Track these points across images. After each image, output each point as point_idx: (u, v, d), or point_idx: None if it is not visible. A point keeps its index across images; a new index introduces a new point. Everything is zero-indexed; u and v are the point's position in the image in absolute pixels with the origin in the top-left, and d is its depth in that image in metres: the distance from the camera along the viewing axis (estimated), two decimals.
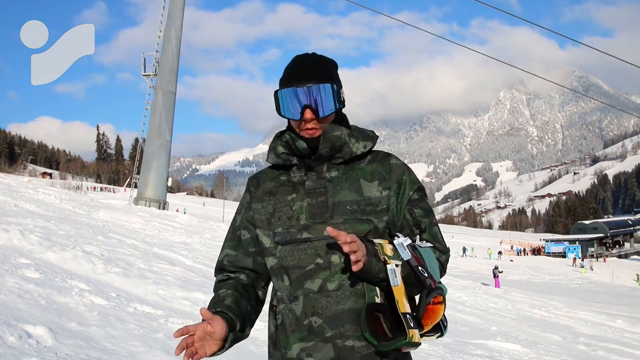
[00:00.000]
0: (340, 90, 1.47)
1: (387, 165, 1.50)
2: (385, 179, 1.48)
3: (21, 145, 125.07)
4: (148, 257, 9.19)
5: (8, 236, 7.32)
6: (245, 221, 1.56)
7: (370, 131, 1.55)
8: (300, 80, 1.44)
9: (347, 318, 1.37)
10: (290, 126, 1.53)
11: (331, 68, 1.50)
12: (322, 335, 1.37)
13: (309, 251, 1.41)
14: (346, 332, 1.36)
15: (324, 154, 1.46)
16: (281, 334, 1.42)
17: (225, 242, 1.60)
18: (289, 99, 1.44)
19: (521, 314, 13.79)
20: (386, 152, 1.55)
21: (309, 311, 1.38)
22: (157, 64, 29.37)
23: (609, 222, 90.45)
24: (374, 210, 1.44)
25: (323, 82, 1.44)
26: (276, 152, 1.52)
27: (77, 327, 4.21)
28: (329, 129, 1.46)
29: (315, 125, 1.44)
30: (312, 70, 1.45)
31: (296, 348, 1.38)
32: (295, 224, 1.44)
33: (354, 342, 1.36)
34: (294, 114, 1.44)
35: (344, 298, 1.38)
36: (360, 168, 1.50)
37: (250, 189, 1.58)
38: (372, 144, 1.52)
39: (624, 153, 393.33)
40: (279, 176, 1.54)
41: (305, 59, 1.50)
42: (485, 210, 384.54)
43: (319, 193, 1.46)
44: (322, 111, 1.43)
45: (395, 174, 1.49)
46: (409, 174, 1.51)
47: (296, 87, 1.43)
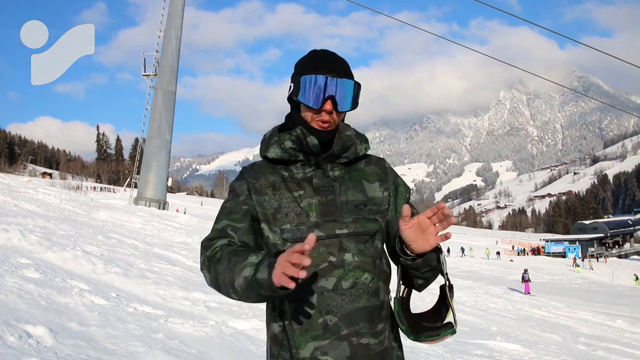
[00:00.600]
0: (359, 91, 1.49)
1: (383, 168, 1.58)
2: (384, 181, 1.54)
3: (21, 145, 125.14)
4: (148, 257, 9.19)
5: (8, 236, 7.32)
6: (248, 205, 1.45)
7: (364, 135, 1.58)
8: (332, 71, 1.43)
9: (362, 316, 1.38)
10: (293, 117, 1.51)
11: (351, 68, 1.52)
12: (337, 333, 1.36)
13: (321, 249, 1.39)
14: (361, 329, 1.38)
15: (336, 152, 1.47)
16: (290, 333, 1.39)
17: (225, 214, 1.46)
18: (315, 85, 1.41)
19: (521, 314, 13.79)
20: (378, 157, 1.61)
21: (323, 310, 1.36)
22: (157, 64, 29.38)
23: (609, 222, 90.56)
24: (379, 210, 1.49)
25: (352, 78, 1.46)
26: (283, 146, 1.47)
27: (77, 327, 4.21)
28: (343, 128, 1.49)
29: (331, 118, 1.44)
30: (342, 65, 1.47)
31: (310, 347, 1.36)
32: (304, 221, 1.41)
33: (369, 339, 1.38)
34: (315, 103, 1.42)
35: (358, 296, 1.38)
36: (360, 169, 1.53)
37: (248, 179, 1.49)
38: (369, 147, 1.57)
39: (624, 153, 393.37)
40: (279, 171, 1.49)
41: (332, 53, 1.50)
42: (485, 210, 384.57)
43: (328, 191, 1.45)
44: (343, 105, 1.44)
45: (391, 176, 1.57)
46: (401, 179, 1.61)
47: (328, 76, 1.42)
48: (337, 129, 1.48)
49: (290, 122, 1.52)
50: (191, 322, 5.21)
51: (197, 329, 5.01)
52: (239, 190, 1.49)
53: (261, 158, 1.55)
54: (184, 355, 4.09)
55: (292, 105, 1.54)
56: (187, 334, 4.81)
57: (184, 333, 4.80)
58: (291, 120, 1.52)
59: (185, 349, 4.26)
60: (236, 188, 1.50)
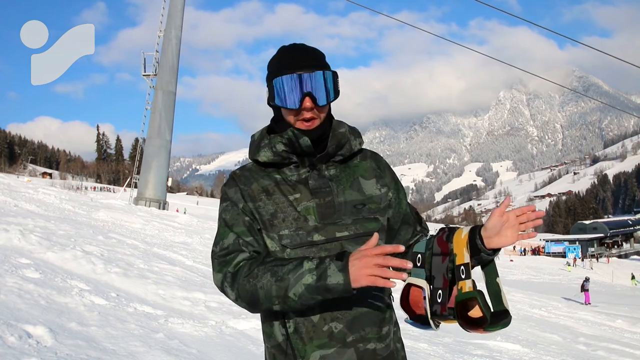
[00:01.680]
0: (337, 80, 1.40)
1: (379, 163, 1.53)
2: (381, 177, 1.49)
3: (21, 145, 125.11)
4: (148, 257, 9.19)
5: (8, 236, 7.32)
6: (247, 215, 1.39)
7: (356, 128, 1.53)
8: (303, 67, 1.35)
9: (367, 321, 1.35)
10: (277, 120, 1.45)
11: (324, 57, 1.44)
12: (343, 340, 1.32)
13: (321, 254, 1.33)
14: (367, 335, 1.35)
15: (331, 151, 1.42)
16: (295, 342, 1.34)
17: (230, 227, 1.39)
18: (287, 86, 1.34)
19: (521, 314, 13.77)
20: (372, 151, 1.55)
21: (327, 317, 1.32)
22: (157, 64, 29.38)
23: (609, 222, 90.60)
24: (378, 208, 1.44)
25: (324, 69, 1.38)
26: (275, 149, 1.39)
27: (77, 327, 4.21)
28: (337, 126, 1.44)
29: (314, 114, 1.37)
30: (311, 58, 1.39)
31: (316, 356, 1.32)
32: (303, 226, 1.36)
33: (375, 344, 1.35)
34: (293, 103, 1.34)
35: (362, 300, 1.35)
36: (356, 165, 1.48)
37: (240, 186, 1.42)
38: (363, 141, 1.51)
39: (624, 153, 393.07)
40: (271, 174, 1.42)
41: (300, 47, 1.41)
42: (485, 210, 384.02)
43: (325, 193, 1.39)
44: (322, 99, 1.36)
45: (389, 171, 1.53)
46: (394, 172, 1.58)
47: (297, 74, 1.34)
48: (326, 125, 1.42)
49: (275, 125, 1.46)
50: (191, 322, 5.21)
51: (197, 329, 5.01)
52: (234, 197, 1.42)
53: (251, 161, 1.48)
54: (184, 355, 4.09)
55: (273, 109, 1.47)
56: (187, 334, 4.81)
57: (184, 333, 4.80)
58: (276, 123, 1.46)
59: (185, 349, 4.26)
60: (231, 196, 1.43)
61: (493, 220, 1.34)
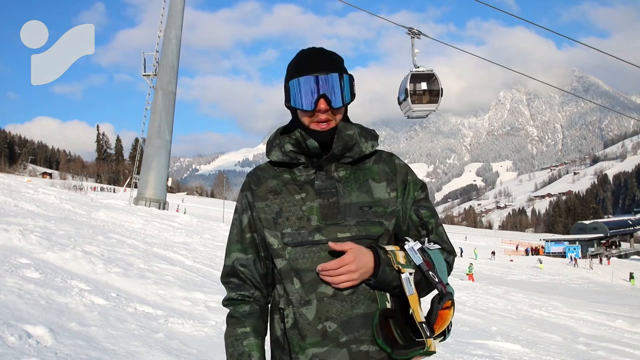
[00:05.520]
0: (353, 83, 1.43)
1: (392, 166, 1.50)
2: (392, 180, 1.47)
3: (21, 145, 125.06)
4: (148, 257, 9.19)
5: (8, 236, 7.31)
6: (252, 221, 1.48)
7: (373, 130, 1.53)
8: (317, 70, 1.38)
9: (362, 322, 1.35)
10: (294, 122, 1.48)
11: (342, 61, 1.47)
12: (336, 340, 1.33)
13: (322, 254, 1.35)
14: (361, 336, 1.34)
15: (337, 153, 1.42)
16: (291, 338, 1.38)
17: (232, 245, 1.51)
18: (303, 88, 1.38)
19: (521, 314, 13.77)
20: (389, 152, 1.54)
21: (323, 316, 1.34)
22: (157, 64, 29.35)
23: (609, 222, 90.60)
24: (384, 212, 1.43)
25: (340, 71, 1.40)
26: (283, 149, 1.44)
27: (77, 327, 4.21)
28: (343, 128, 1.43)
29: (329, 116, 1.40)
30: (327, 60, 1.41)
31: (308, 354, 1.34)
32: (305, 225, 1.38)
33: (368, 346, 1.34)
34: (308, 105, 1.38)
35: (358, 302, 1.35)
36: (367, 168, 1.47)
37: (251, 186, 1.49)
38: (377, 144, 1.50)
39: (624, 153, 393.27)
40: (281, 174, 1.47)
41: (317, 50, 1.45)
42: (485, 210, 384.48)
43: (330, 194, 1.41)
44: (337, 101, 1.38)
45: (400, 174, 1.49)
46: (412, 174, 1.52)
47: (313, 75, 1.37)
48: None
49: (292, 126, 1.50)
50: (191, 322, 5.21)
51: (197, 329, 5.01)
52: (242, 201, 1.51)
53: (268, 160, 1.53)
54: (184, 355, 4.09)
55: (291, 111, 1.49)
56: (187, 334, 4.81)
57: (184, 333, 4.81)
58: (293, 125, 1.49)
59: (185, 349, 4.26)
60: (240, 199, 1.52)
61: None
